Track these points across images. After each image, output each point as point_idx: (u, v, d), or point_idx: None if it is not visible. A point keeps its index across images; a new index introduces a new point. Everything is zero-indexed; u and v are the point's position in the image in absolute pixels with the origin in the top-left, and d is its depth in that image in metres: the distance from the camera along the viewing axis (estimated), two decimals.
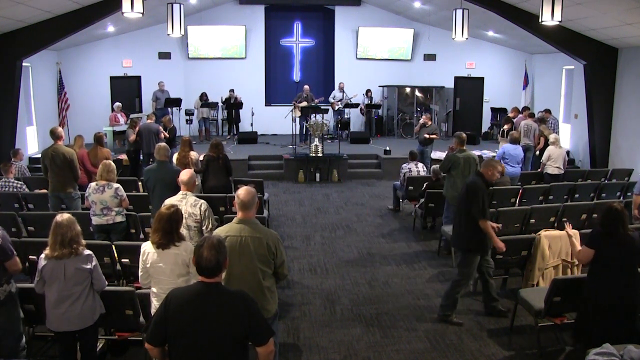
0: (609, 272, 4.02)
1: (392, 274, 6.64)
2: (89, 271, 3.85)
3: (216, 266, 2.71)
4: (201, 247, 2.75)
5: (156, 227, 3.82)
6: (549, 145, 9.71)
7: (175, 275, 3.78)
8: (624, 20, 9.22)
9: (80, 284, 3.82)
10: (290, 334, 5.08)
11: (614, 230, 4.00)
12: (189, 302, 2.69)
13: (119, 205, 5.97)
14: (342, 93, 14.94)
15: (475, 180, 5.21)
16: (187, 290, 2.80)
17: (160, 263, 3.79)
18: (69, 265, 3.77)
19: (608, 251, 4.01)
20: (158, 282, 3.83)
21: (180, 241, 3.84)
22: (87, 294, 3.86)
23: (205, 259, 2.70)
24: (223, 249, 2.80)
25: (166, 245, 3.77)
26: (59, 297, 3.78)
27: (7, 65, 9.97)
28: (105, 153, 8.61)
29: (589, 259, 4.10)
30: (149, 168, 6.21)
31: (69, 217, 3.88)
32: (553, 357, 4.74)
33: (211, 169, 7.39)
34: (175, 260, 3.78)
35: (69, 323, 3.81)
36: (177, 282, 3.75)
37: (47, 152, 7.16)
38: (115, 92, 15.32)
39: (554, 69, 14.58)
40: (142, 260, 3.86)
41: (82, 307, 3.82)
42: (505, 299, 5.83)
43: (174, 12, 9.78)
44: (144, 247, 3.89)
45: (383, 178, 12.22)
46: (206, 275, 2.72)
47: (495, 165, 5.25)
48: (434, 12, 14.05)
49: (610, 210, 4.05)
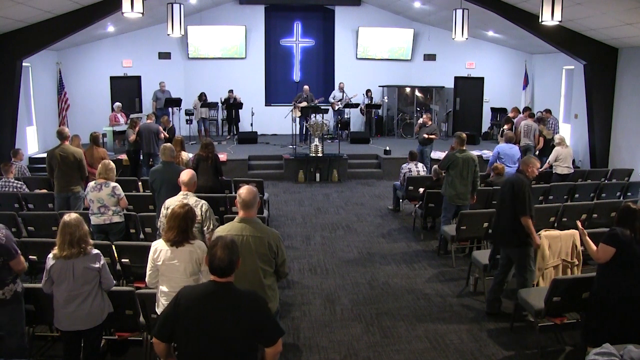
0: (624, 270, 4.05)
1: (392, 274, 6.64)
2: (97, 270, 3.87)
3: (229, 266, 2.72)
4: (215, 246, 2.76)
5: (171, 225, 3.81)
6: (555, 146, 9.72)
7: (188, 273, 3.79)
8: (624, 20, 9.22)
9: (89, 283, 3.83)
10: (290, 334, 5.08)
11: (632, 227, 4.06)
12: (200, 301, 2.70)
13: (116, 205, 5.96)
14: (342, 93, 14.95)
15: (519, 177, 5.29)
16: (199, 288, 2.80)
17: (174, 260, 3.79)
18: (77, 265, 3.79)
19: (628, 249, 4.04)
20: (169, 280, 3.82)
21: (194, 239, 3.87)
22: (96, 293, 3.88)
23: (218, 259, 2.71)
24: (236, 249, 2.81)
25: (181, 242, 3.79)
26: (68, 296, 3.79)
27: (7, 65, 9.96)
28: (101, 153, 8.62)
29: (609, 257, 4.11)
30: (155, 169, 6.19)
31: (76, 216, 3.89)
32: (553, 357, 4.73)
33: (200, 169, 7.34)
34: (190, 258, 3.79)
35: (77, 322, 3.83)
36: (189, 280, 3.75)
37: (54, 152, 7.13)
38: (115, 92, 15.31)
39: (554, 69, 14.58)
40: (152, 259, 3.83)
41: (91, 306, 3.84)
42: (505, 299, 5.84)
43: (174, 12, 9.78)
44: (155, 245, 3.88)
45: (383, 178, 12.23)
46: (219, 275, 2.73)
47: (535, 162, 5.37)
48: (434, 12, 14.05)
49: (627, 209, 4.14)
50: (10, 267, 3.91)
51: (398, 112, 16.02)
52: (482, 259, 5.86)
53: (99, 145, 8.79)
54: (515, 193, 5.15)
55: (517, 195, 5.14)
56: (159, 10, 11.89)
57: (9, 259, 3.89)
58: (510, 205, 5.21)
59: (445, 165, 7.16)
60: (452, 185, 7.07)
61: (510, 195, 5.20)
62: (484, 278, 5.87)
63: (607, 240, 4.14)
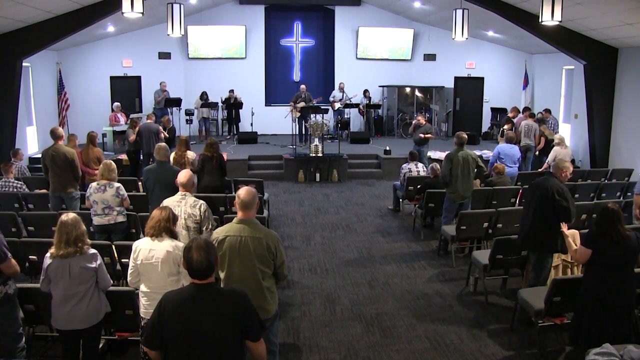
0: (606, 271, 4.05)
1: (392, 274, 6.64)
2: (94, 270, 3.87)
3: (208, 267, 2.70)
4: (190, 249, 2.72)
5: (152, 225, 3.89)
6: (555, 145, 9.71)
7: (165, 273, 3.80)
8: (624, 20, 9.22)
9: (85, 282, 3.83)
10: (290, 334, 5.08)
11: (610, 229, 4.02)
12: (183, 306, 2.68)
13: (120, 205, 5.97)
14: (342, 93, 14.95)
15: (556, 182, 5.10)
16: (181, 293, 2.78)
17: (152, 260, 3.80)
18: (74, 264, 3.78)
19: (605, 251, 4.03)
20: (148, 280, 3.85)
21: (177, 237, 3.93)
22: (93, 293, 3.87)
23: (196, 262, 2.68)
24: (212, 249, 2.78)
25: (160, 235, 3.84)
26: (65, 295, 3.79)
27: (7, 65, 9.96)
28: (97, 153, 8.62)
29: (586, 259, 4.13)
30: (149, 168, 6.21)
31: (74, 216, 3.89)
32: (553, 357, 4.73)
33: (206, 168, 7.40)
34: (168, 258, 3.80)
35: (74, 321, 3.83)
36: (167, 280, 3.78)
37: (47, 152, 7.16)
38: (115, 92, 15.32)
39: (554, 69, 14.58)
40: (132, 258, 3.88)
41: (88, 306, 3.84)
42: (505, 299, 5.84)
43: (174, 12, 9.78)
44: (135, 244, 3.92)
45: (383, 178, 12.22)
46: (199, 278, 2.71)
47: (568, 166, 5.27)
48: (434, 12, 14.05)
49: (606, 210, 4.09)
50: (0, 270, 3.89)
51: (398, 112, 16.03)
52: (482, 259, 5.85)
53: (95, 145, 8.78)
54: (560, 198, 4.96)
55: (559, 201, 4.95)
56: (159, 10, 11.88)
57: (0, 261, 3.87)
58: (544, 210, 5.05)
59: (447, 168, 7.12)
60: (453, 184, 7.08)
61: (547, 201, 5.02)
62: (484, 278, 5.87)
63: (585, 241, 4.16)
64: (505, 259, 5.72)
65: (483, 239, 6.98)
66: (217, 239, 3.57)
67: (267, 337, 3.67)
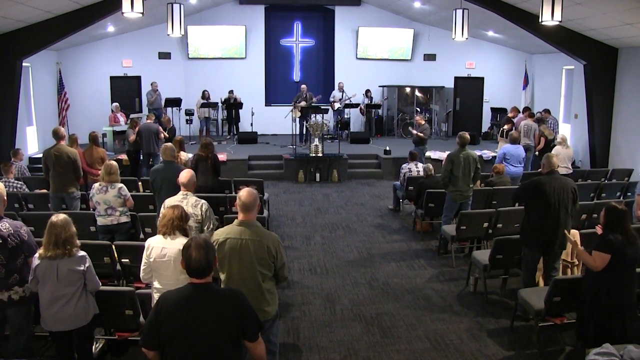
0: (615, 272, 3.95)
1: (392, 274, 6.64)
2: (82, 272, 3.84)
3: (207, 266, 2.71)
4: (189, 248, 2.73)
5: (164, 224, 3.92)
6: (556, 145, 9.70)
7: (178, 271, 3.78)
8: (624, 20, 9.22)
9: (72, 285, 3.81)
10: (290, 334, 5.08)
11: (622, 229, 3.92)
12: (180, 306, 2.68)
13: (123, 205, 5.97)
14: (342, 93, 14.95)
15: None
16: (178, 293, 2.77)
17: (164, 257, 3.82)
18: (61, 266, 3.77)
19: (623, 253, 3.90)
20: (160, 276, 3.87)
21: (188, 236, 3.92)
22: (80, 295, 3.85)
23: (194, 260, 2.69)
24: (211, 248, 2.78)
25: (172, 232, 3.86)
26: (52, 297, 3.78)
27: (7, 65, 9.96)
28: (101, 153, 8.60)
29: (605, 264, 3.94)
30: (156, 168, 6.19)
31: (64, 217, 3.87)
32: (553, 357, 4.73)
33: (200, 169, 7.33)
34: (180, 256, 3.78)
35: (62, 323, 3.82)
36: (180, 278, 3.75)
37: (49, 152, 7.14)
38: (115, 92, 15.31)
39: (554, 69, 14.57)
40: (145, 255, 3.89)
41: (75, 307, 3.82)
42: (505, 299, 5.84)
43: (174, 12, 9.78)
44: (148, 242, 3.94)
45: (383, 178, 12.23)
46: (197, 276, 2.71)
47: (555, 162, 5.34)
48: (434, 12, 14.05)
49: (614, 210, 3.98)
50: (29, 264, 3.92)
51: (398, 112, 16.03)
52: (482, 259, 5.85)
53: (98, 145, 8.77)
54: (577, 196, 5.23)
55: (576, 200, 5.20)
56: (159, 10, 11.88)
57: (29, 256, 3.92)
58: (569, 207, 5.17)
59: (448, 168, 7.12)
60: (454, 183, 7.09)
61: (569, 198, 5.15)
62: (484, 278, 5.87)
63: (602, 247, 3.95)
64: (505, 259, 5.72)
65: (483, 239, 6.99)
66: (217, 241, 3.56)
67: (267, 337, 3.66)
